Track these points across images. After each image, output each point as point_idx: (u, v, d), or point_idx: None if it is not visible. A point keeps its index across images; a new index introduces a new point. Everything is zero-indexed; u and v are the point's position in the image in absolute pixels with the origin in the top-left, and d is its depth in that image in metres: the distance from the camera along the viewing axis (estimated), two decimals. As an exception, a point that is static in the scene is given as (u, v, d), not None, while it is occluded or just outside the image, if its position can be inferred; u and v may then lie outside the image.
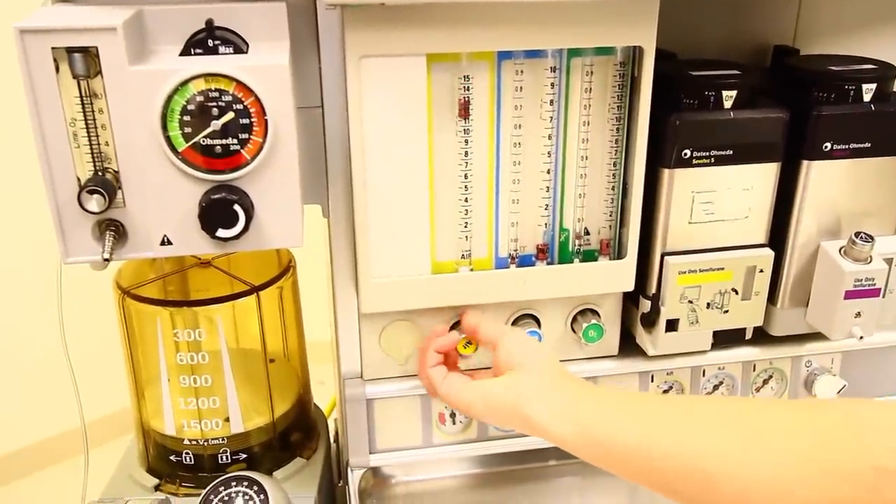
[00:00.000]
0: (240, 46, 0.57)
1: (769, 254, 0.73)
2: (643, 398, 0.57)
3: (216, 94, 0.53)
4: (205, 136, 0.54)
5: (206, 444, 0.74)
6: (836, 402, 0.52)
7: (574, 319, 0.75)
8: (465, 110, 0.65)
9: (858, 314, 0.72)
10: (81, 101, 0.53)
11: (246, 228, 0.56)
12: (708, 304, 0.73)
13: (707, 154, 0.68)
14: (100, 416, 1.56)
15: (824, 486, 0.43)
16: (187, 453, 0.74)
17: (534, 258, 0.71)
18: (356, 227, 0.66)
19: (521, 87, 0.65)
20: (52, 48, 0.51)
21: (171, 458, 0.75)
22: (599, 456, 0.54)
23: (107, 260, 0.56)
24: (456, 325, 0.72)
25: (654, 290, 0.72)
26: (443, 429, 0.77)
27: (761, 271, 0.73)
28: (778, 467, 0.45)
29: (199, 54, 0.56)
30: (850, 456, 0.43)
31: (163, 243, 0.57)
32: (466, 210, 0.68)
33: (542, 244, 0.70)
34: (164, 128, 0.54)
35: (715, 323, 0.74)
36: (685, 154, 0.68)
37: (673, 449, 0.49)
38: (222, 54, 0.56)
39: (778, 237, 0.73)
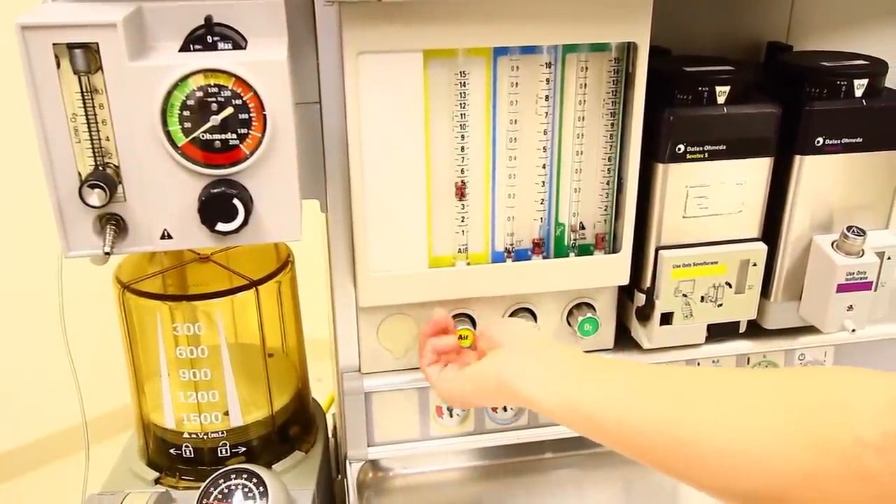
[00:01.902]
0: (238, 42, 0.57)
1: (762, 248, 0.73)
2: (626, 369, 0.56)
3: (215, 90, 0.54)
4: (204, 131, 0.55)
5: (205, 437, 0.75)
6: (822, 372, 0.51)
7: (570, 313, 0.76)
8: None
9: (851, 307, 0.73)
10: (82, 96, 0.54)
11: (245, 222, 0.57)
12: (702, 298, 0.74)
13: (701, 149, 0.69)
14: (101, 412, 1.56)
15: (807, 459, 0.43)
16: (187, 447, 0.75)
17: (530, 252, 0.71)
18: (354, 222, 0.66)
19: (516, 83, 0.65)
20: (53, 44, 0.52)
21: (171, 451, 0.75)
22: (585, 428, 0.54)
23: (108, 254, 0.57)
24: (454, 318, 0.73)
25: (648, 284, 0.73)
26: (440, 422, 0.78)
27: (755, 265, 0.73)
28: (761, 441, 0.45)
29: (199, 50, 0.56)
30: (833, 429, 0.43)
31: (163, 237, 0.58)
32: (463, 205, 0.69)
33: (537, 238, 0.71)
34: (164, 123, 0.54)
35: (709, 316, 0.75)
36: (679, 149, 0.68)
37: (656, 423, 0.49)
38: (221, 50, 0.57)
39: (771, 231, 0.74)
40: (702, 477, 0.47)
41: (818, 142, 0.70)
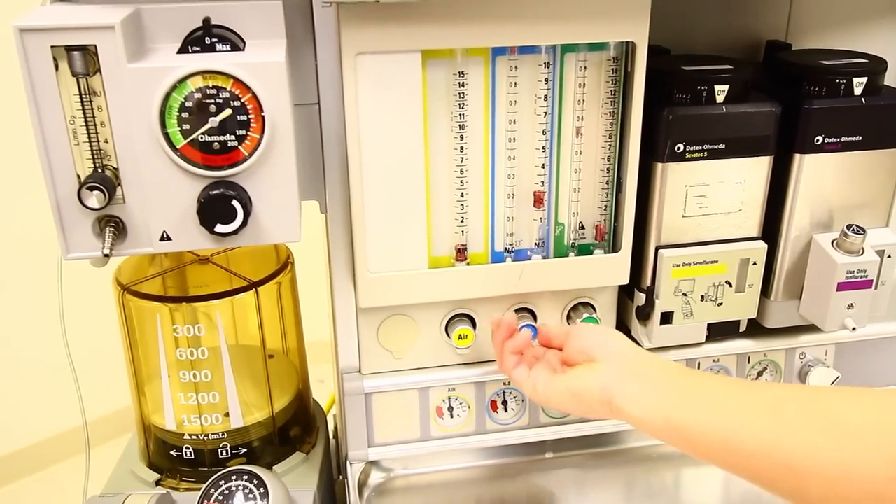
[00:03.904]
0: (237, 44, 0.57)
1: (762, 246, 0.73)
2: (730, 387, 0.56)
3: (214, 91, 0.54)
4: (203, 133, 0.55)
5: (206, 438, 0.75)
6: None
7: (570, 313, 0.76)
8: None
9: (851, 306, 0.73)
10: (81, 98, 0.54)
11: (244, 224, 0.57)
12: (702, 297, 0.74)
13: (700, 148, 0.69)
14: (102, 414, 1.57)
15: None
16: (188, 448, 0.75)
17: (529, 252, 0.71)
18: (353, 223, 0.66)
19: (515, 83, 0.65)
20: (52, 47, 0.52)
21: (172, 452, 0.75)
22: (689, 448, 0.54)
23: (107, 256, 0.57)
24: (454, 318, 0.73)
25: (648, 284, 0.73)
26: (441, 422, 0.78)
27: (755, 264, 0.73)
28: (870, 467, 0.45)
29: (197, 52, 0.56)
30: None
31: (162, 239, 0.58)
32: (462, 205, 0.69)
33: (537, 238, 0.71)
34: (163, 125, 0.54)
35: (709, 315, 0.75)
36: (678, 148, 0.68)
37: (762, 445, 0.50)
38: (220, 52, 0.57)
39: (771, 230, 0.74)
40: (812, 499, 0.48)
41: (817, 140, 0.70)
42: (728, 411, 0.53)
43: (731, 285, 0.74)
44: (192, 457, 0.75)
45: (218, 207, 0.56)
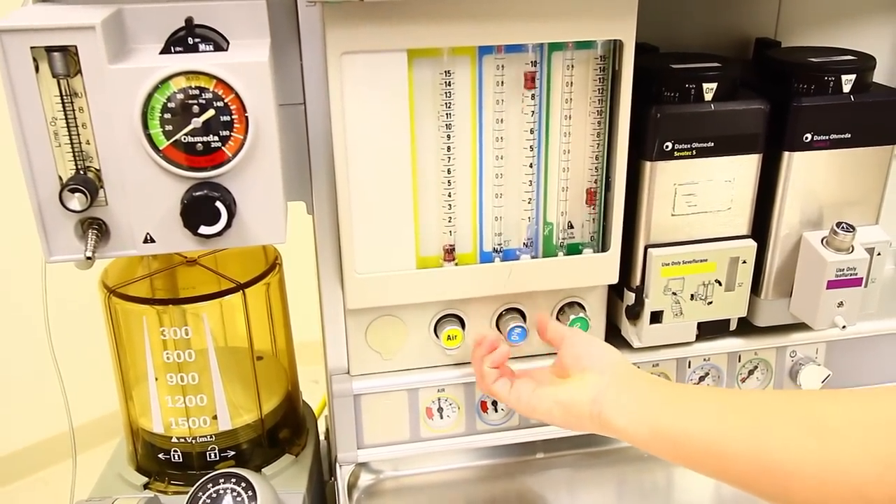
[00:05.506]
0: (220, 44, 0.57)
1: (752, 245, 0.73)
2: (715, 396, 0.57)
3: (196, 92, 0.54)
4: (186, 134, 0.54)
5: (194, 441, 0.74)
6: None
7: (560, 312, 0.75)
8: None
9: (841, 304, 0.73)
10: (62, 100, 0.54)
11: (228, 225, 0.56)
12: (692, 296, 0.73)
13: (688, 146, 0.69)
14: (90, 418, 1.56)
15: None
16: (176, 451, 0.74)
17: (518, 252, 0.71)
18: (340, 223, 0.66)
19: (502, 82, 0.65)
20: (32, 47, 0.51)
21: (160, 456, 0.75)
22: (676, 456, 0.55)
23: (90, 258, 0.56)
24: (443, 319, 0.73)
25: (638, 283, 0.73)
26: (430, 423, 0.77)
27: (744, 262, 0.73)
28: (853, 466, 0.45)
29: (180, 52, 0.56)
30: None
31: (146, 241, 0.57)
32: (450, 204, 0.68)
33: (526, 238, 0.71)
34: (145, 126, 0.54)
35: (699, 314, 0.75)
36: (667, 146, 0.68)
37: (748, 450, 0.50)
38: (203, 52, 0.56)
39: (760, 228, 0.74)
40: (797, 502, 0.48)
41: (806, 138, 0.70)
42: (711, 417, 0.53)
43: (720, 284, 0.73)
44: (181, 460, 0.75)
45: (202, 209, 0.55)
